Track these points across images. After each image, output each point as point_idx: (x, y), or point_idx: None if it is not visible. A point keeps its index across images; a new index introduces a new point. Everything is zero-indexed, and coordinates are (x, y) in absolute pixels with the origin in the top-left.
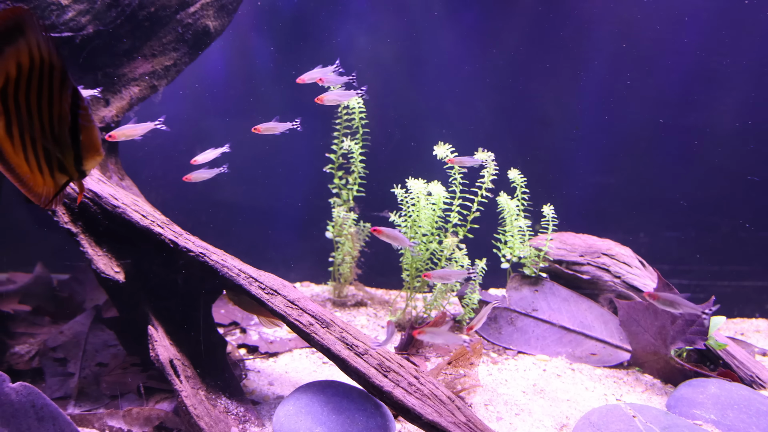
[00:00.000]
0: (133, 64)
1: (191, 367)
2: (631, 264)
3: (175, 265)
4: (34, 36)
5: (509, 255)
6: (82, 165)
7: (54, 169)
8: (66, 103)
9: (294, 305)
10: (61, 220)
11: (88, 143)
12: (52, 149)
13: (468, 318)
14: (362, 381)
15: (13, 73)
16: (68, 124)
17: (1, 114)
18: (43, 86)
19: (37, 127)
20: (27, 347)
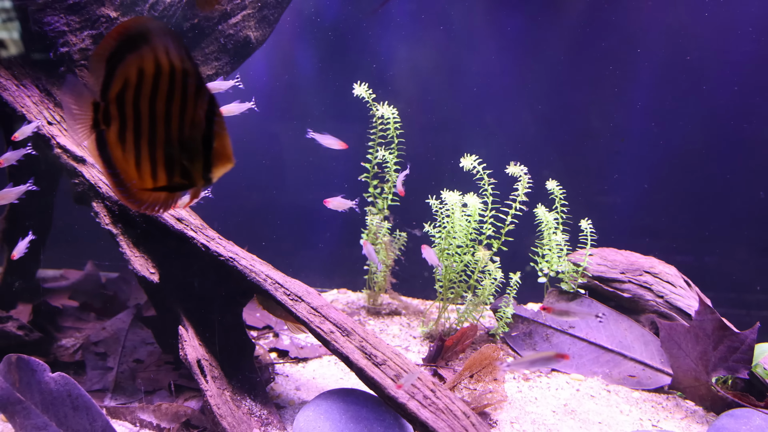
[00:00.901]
0: None
1: (218, 368)
2: (676, 283)
3: (206, 268)
4: (162, 44)
5: (546, 269)
6: (210, 172)
7: (174, 175)
8: (201, 109)
9: (317, 312)
10: (103, 221)
11: (221, 150)
12: (177, 156)
13: (502, 332)
14: (378, 391)
15: (133, 79)
16: (202, 131)
17: (115, 119)
18: (174, 92)
19: (161, 133)
20: (72, 341)
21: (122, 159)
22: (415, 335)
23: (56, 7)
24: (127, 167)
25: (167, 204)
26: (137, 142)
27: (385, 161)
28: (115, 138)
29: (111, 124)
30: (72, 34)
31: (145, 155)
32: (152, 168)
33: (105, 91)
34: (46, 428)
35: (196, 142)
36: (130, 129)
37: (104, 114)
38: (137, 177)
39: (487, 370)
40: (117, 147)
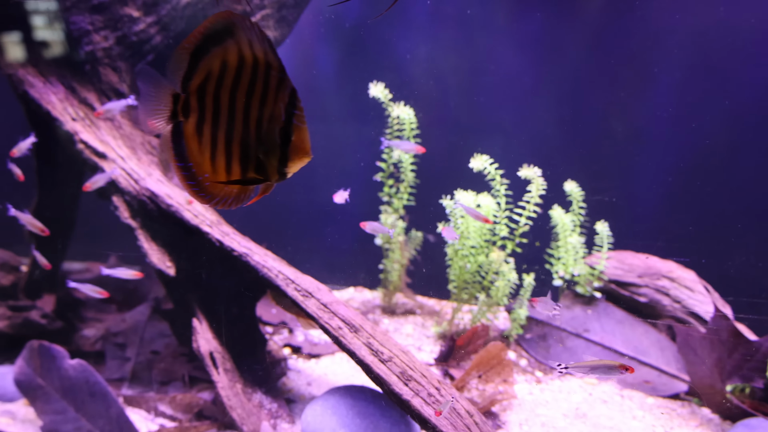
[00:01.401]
0: None
1: (231, 360)
2: (694, 289)
3: (221, 263)
4: (246, 37)
5: (562, 272)
6: (286, 166)
7: (249, 170)
8: (282, 102)
9: (326, 308)
10: (122, 215)
11: (299, 145)
12: (253, 149)
13: (516, 334)
14: (383, 387)
15: (215, 71)
16: (281, 124)
17: (194, 111)
18: (255, 85)
19: (240, 126)
20: (94, 331)
21: (197, 152)
22: (428, 335)
23: (81, 6)
24: (201, 160)
25: (239, 199)
26: (214, 134)
27: (401, 161)
28: (192, 130)
29: (189, 116)
30: (96, 33)
31: (221, 148)
32: (227, 161)
33: (186, 83)
34: (65, 413)
35: (273, 135)
36: (208, 121)
37: (184, 105)
38: (211, 171)
39: (497, 370)
40: (193, 139)
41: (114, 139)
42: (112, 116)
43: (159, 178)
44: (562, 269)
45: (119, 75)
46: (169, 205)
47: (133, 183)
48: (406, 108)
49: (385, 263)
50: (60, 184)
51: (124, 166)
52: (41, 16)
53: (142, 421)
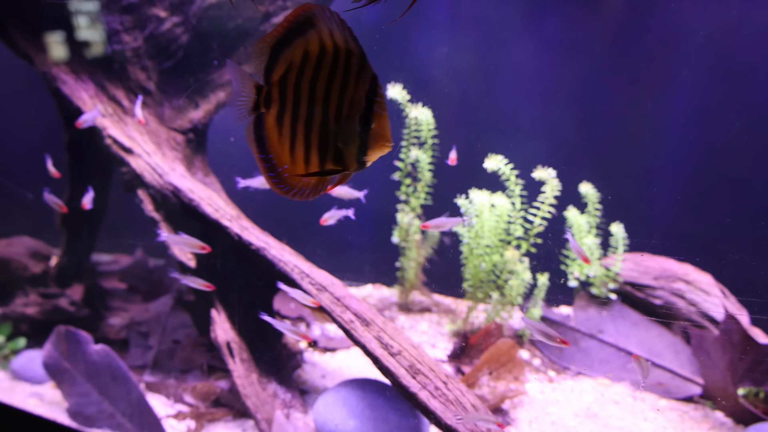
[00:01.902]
0: (221, 71)
1: (247, 351)
2: (710, 292)
3: (239, 256)
4: (326, 26)
5: (577, 273)
6: (365, 155)
7: (327, 159)
8: (362, 89)
9: (339, 302)
10: (147, 208)
11: (379, 132)
12: (332, 138)
13: (530, 334)
14: (392, 380)
15: (297, 62)
16: (361, 111)
17: (275, 101)
18: (336, 73)
19: (319, 115)
20: (119, 320)
21: (277, 143)
22: (443, 332)
23: (112, 7)
24: (281, 152)
25: (317, 190)
26: (294, 124)
27: (418, 161)
28: (273, 121)
29: (270, 107)
30: (125, 33)
31: (300, 138)
32: (306, 151)
33: (268, 75)
34: (89, 395)
35: (353, 122)
36: (288, 111)
37: (266, 97)
38: (290, 162)
39: (508, 368)
40: (274, 130)
41: (140, 134)
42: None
43: (182, 173)
44: (577, 270)
45: (146, 73)
46: (191, 199)
47: (157, 177)
48: (424, 109)
49: (401, 261)
50: (89, 178)
51: (149, 161)
52: (75, 16)
53: (162, 406)
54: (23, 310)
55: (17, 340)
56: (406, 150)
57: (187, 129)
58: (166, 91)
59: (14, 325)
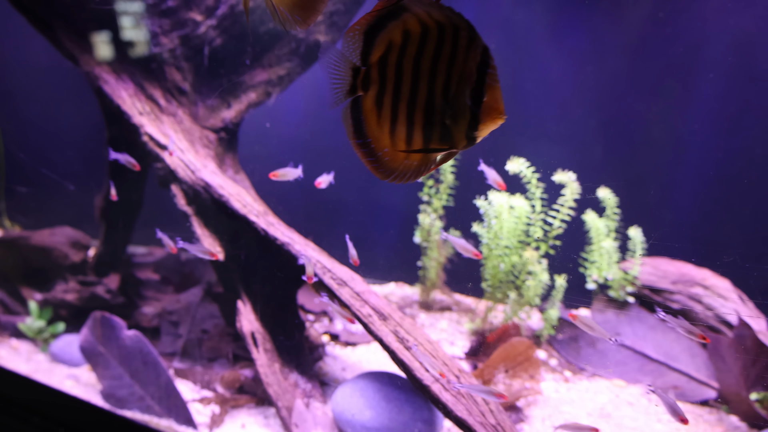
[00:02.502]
0: (252, 72)
1: (271, 342)
2: (728, 297)
3: (265, 251)
4: (422, 9)
5: (596, 275)
6: (476, 130)
7: (432, 138)
8: (473, 61)
9: (358, 297)
10: (179, 203)
11: (492, 104)
12: (438, 116)
13: (548, 334)
14: (407, 372)
15: (397, 41)
16: (472, 85)
17: (374, 82)
18: (443, 48)
19: (423, 93)
20: (152, 309)
21: (376, 126)
22: (462, 331)
23: (152, 11)
24: (380, 135)
25: (419, 171)
26: (395, 105)
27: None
28: (372, 103)
29: (369, 89)
30: (163, 35)
31: (402, 119)
32: (408, 132)
33: (365, 58)
34: (121, 378)
35: (463, 97)
36: (389, 92)
37: (364, 79)
38: (390, 145)
39: (524, 367)
40: (372, 113)
41: (175, 132)
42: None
43: (213, 170)
44: (595, 273)
45: (182, 74)
46: (221, 195)
47: (190, 173)
48: None
49: (423, 261)
50: (127, 172)
51: (182, 158)
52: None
53: (189, 391)
54: (63, 297)
55: (56, 325)
56: None
57: (219, 128)
58: (200, 91)
59: (54, 311)
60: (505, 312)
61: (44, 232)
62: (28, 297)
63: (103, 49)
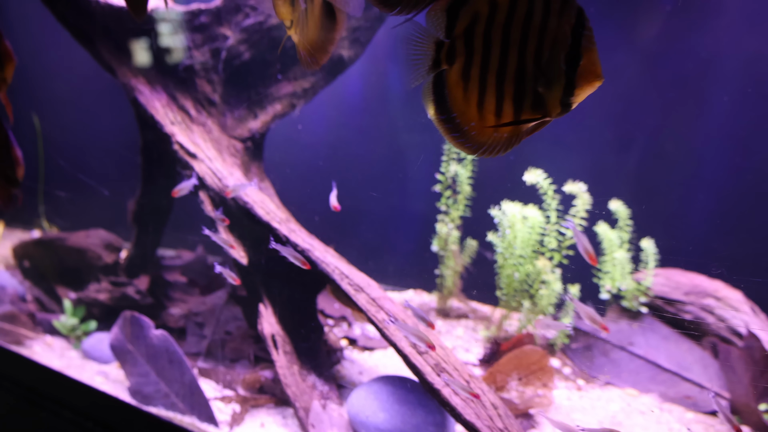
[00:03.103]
0: (278, 85)
1: (290, 344)
2: (740, 308)
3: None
4: None
5: (609, 286)
6: (572, 95)
7: (523, 108)
8: (567, 24)
9: (374, 302)
10: (206, 209)
11: (589, 68)
12: (530, 84)
13: (562, 343)
14: (419, 376)
15: (484, 11)
16: (566, 49)
17: (460, 55)
18: (534, 13)
19: (514, 62)
20: (179, 310)
21: (462, 100)
22: (477, 338)
23: (185, 26)
24: (467, 108)
25: (509, 143)
26: (483, 76)
27: (457, 174)
28: (458, 76)
29: (454, 62)
30: (196, 49)
31: (490, 90)
32: (497, 103)
33: (450, 32)
34: (148, 376)
35: (558, 62)
36: (476, 63)
37: (448, 52)
38: (477, 118)
39: (537, 375)
40: (458, 86)
41: (204, 141)
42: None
43: (239, 177)
44: (609, 283)
45: (212, 86)
46: (246, 202)
47: (216, 181)
48: None
49: (440, 269)
50: (158, 178)
51: (210, 166)
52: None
53: (212, 390)
54: (96, 296)
55: (89, 323)
56: (446, 164)
57: (246, 137)
58: (229, 102)
59: (87, 309)
60: (520, 320)
61: (80, 234)
62: (63, 296)
63: (139, 62)
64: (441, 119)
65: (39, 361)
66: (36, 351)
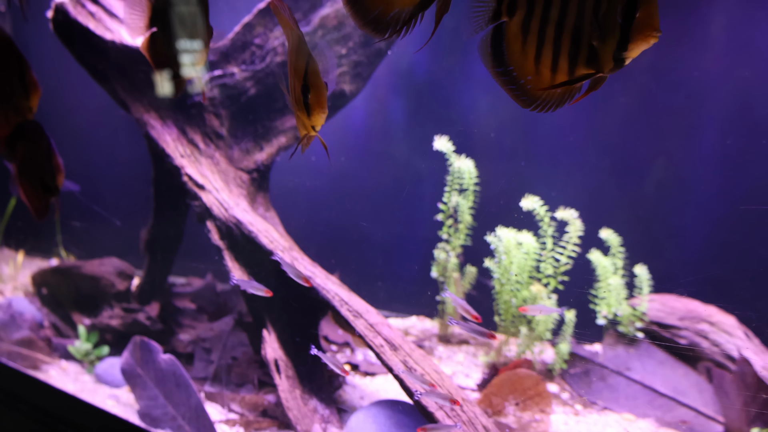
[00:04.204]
0: (283, 118)
1: (293, 369)
2: (733, 333)
3: (289, 283)
4: None
5: (605, 311)
6: (626, 50)
7: (578, 63)
8: None
9: (372, 328)
10: (213, 238)
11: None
12: (586, 37)
13: (560, 368)
14: (414, 400)
15: None
16: (623, 1)
17: (522, 6)
18: None
19: (573, 13)
20: (188, 336)
21: (519, 53)
22: (477, 363)
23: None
24: (524, 61)
25: (563, 99)
26: (542, 29)
27: (458, 204)
28: (517, 29)
29: (515, 14)
30: (205, 85)
31: (548, 44)
32: (554, 58)
33: None
34: (156, 399)
35: (614, 14)
36: (537, 16)
37: (510, 4)
38: (534, 72)
39: (535, 401)
40: (516, 39)
41: (212, 173)
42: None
43: (245, 208)
44: (605, 309)
45: (220, 120)
46: (250, 231)
47: (223, 211)
48: (467, 160)
49: (441, 295)
50: (170, 209)
51: (217, 197)
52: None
53: (217, 413)
54: (108, 322)
55: (101, 348)
56: (449, 195)
57: (252, 169)
58: (236, 135)
59: (100, 335)
60: (519, 346)
61: (94, 262)
62: (78, 321)
63: (151, 98)
64: (497, 71)
65: (54, 385)
66: (52, 375)
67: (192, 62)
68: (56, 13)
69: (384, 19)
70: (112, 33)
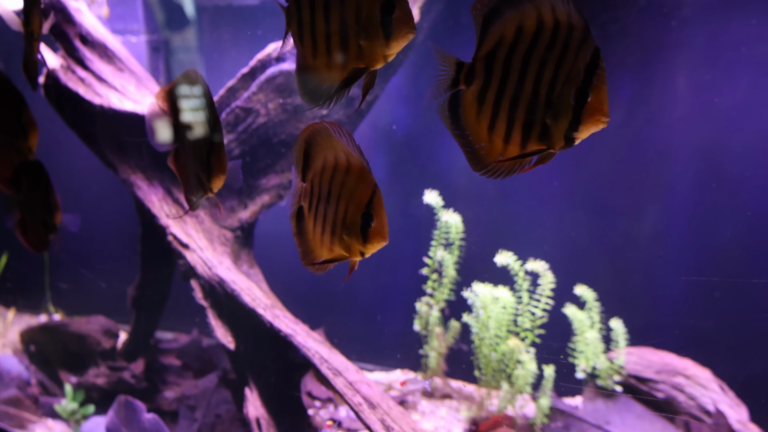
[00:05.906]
0: (267, 177)
1: (275, 427)
2: (708, 386)
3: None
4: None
5: (584, 365)
6: (576, 131)
7: (531, 137)
8: (582, 62)
9: (351, 386)
10: (197, 296)
11: (596, 105)
12: (540, 114)
13: (541, 423)
14: None
15: (509, 37)
16: (578, 85)
17: (479, 77)
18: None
19: (528, 90)
20: (172, 393)
21: (475, 120)
22: (460, 419)
23: None
24: (479, 129)
25: (512, 169)
26: (498, 101)
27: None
28: (473, 98)
29: (472, 83)
30: None
31: (502, 115)
32: (507, 128)
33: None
34: None
35: (567, 96)
36: (492, 88)
37: (468, 73)
38: (487, 140)
39: None
40: (472, 107)
41: (196, 232)
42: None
43: (228, 266)
44: (583, 362)
45: None
46: (233, 289)
47: (207, 269)
48: (454, 214)
49: (425, 349)
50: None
51: (201, 255)
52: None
53: None
54: (94, 380)
55: (87, 407)
56: (434, 249)
57: (235, 227)
58: (220, 194)
59: (86, 393)
60: (500, 400)
61: (81, 320)
62: (65, 380)
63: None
64: (456, 133)
65: None
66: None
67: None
68: (47, 79)
69: (317, 91)
70: (101, 98)
